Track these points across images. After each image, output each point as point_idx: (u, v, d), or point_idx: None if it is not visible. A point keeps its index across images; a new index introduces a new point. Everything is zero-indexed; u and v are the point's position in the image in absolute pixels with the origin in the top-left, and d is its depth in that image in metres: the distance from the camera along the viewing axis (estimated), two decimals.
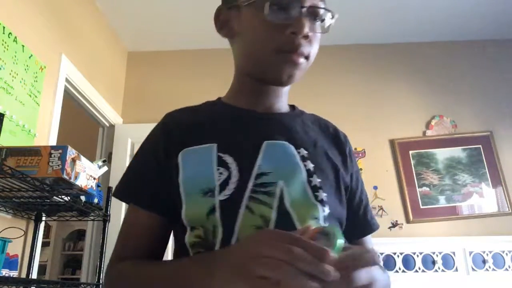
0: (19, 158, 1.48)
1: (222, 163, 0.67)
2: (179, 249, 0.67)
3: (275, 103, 0.78)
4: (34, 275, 1.95)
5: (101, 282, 2.27)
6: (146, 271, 0.66)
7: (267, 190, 0.65)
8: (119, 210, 2.79)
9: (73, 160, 1.53)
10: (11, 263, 1.71)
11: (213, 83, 3.34)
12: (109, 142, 3.04)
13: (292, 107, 0.84)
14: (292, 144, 0.71)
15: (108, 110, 2.97)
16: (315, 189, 0.68)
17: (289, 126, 0.75)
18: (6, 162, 1.44)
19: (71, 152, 1.52)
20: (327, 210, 0.67)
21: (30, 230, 1.98)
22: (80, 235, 4.93)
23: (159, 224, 0.71)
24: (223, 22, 0.78)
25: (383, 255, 2.76)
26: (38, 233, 1.98)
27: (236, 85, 0.82)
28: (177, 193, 0.67)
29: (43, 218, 2.02)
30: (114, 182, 2.94)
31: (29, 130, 1.95)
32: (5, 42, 1.81)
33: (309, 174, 0.69)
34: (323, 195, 0.68)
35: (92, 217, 2.24)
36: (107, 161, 2.87)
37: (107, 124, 3.06)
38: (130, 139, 3.02)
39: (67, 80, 2.41)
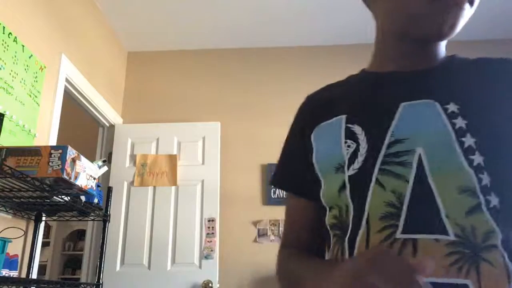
0: (19, 158, 1.48)
1: (350, 134, 0.60)
2: (326, 233, 0.64)
3: (431, 61, 0.66)
4: (34, 275, 1.95)
5: (101, 282, 2.27)
6: (293, 270, 0.65)
7: (401, 160, 0.56)
8: (119, 210, 2.79)
9: (73, 160, 1.53)
10: (11, 263, 1.71)
11: (213, 83, 3.35)
12: (109, 142, 3.05)
13: (445, 58, 0.69)
14: (438, 100, 0.59)
15: (108, 110, 2.97)
16: (468, 151, 0.55)
17: (438, 80, 0.63)
18: (6, 162, 1.44)
19: (71, 152, 1.52)
20: (486, 178, 0.53)
21: (30, 230, 1.98)
22: (80, 235, 4.93)
23: (313, 209, 0.67)
24: None
25: None
26: (38, 233, 1.98)
27: (381, 50, 0.70)
28: (315, 174, 0.64)
29: (43, 218, 2.02)
30: (114, 182, 2.97)
31: (29, 130, 1.95)
32: (5, 42, 1.81)
33: (460, 134, 0.56)
34: (479, 158, 0.54)
35: (92, 217, 2.24)
36: (107, 161, 2.88)
37: (107, 124, 3.07)
38: (130, 139, 3.02)
39: (67, 80, 2.41)
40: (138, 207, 2.83)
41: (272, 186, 0.71)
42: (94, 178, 1.72)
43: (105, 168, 2.21)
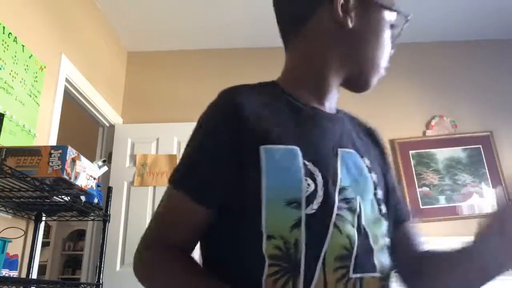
0: (19, 158, 1.48)
1: (308, 173, 0.60)
2: (248, 252, 0.60)
3: (333, 102, 0.75)
4: (34, 275, 1.95)
5: (101, 282, 2.27)
6: (192, 279, 0.62)
7: (349, 207, 0.62)
8: (119, 210, 2.79)
9: (73, 160, 1.53)
10: (11, 263, 1.71)
11: (213, 83, 3.35)
12: (109, 142, 3.05)
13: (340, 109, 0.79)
14: (358, 152, 0.68)
15: (108, 110, 2.97)
16: (379, 202, 0.67)
17: (349, 131, 0.72)
18: (6, 162, 1.44)
19: (71, 152, 1.52)
20: (386, 224, 0.67)
21: (30, 230, 1.98)
22: (80, 235, 4.93)
23: (209, 218, 0.64)
24: (349, 7, 0.69)
25: None
26: (38, 233, 1.98)
27: (304, 74, 0.73)
28: (254, 195, 0.59)
29: (43, 218, 2.02)
30: (114, 182, 2.96)
31: (29, 130, 1.95)
32: (5, 42, 1.81)
33: (375, 187, 0.67)
34: (384, 208, 0.67)
35: (92, 217, 2.24)
36: (107, 161, 2.87)
37: (107, 124, 3.06)
38: (130, 139, 3.02)
39: (67, 80, 2.41)
40: (138, 207, 2.83)
41: (172, 186, 0.66)
42: (94, 178, 1.72)
43: (105, 168, 2.21)
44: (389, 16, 0.72)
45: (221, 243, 0.64)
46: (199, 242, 0.68)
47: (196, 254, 0.70)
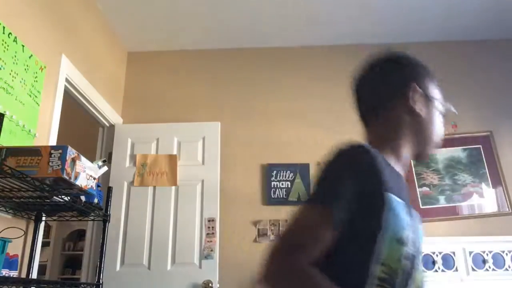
0: (19, 158, 1.48)
1: (409, 224, 0.81)
2: (357, 268, 0.76)
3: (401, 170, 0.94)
4: (34, 275, 1.95)
5: (101, 282, 2.27)
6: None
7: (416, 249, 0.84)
8: (119, 210, 2.79)
9: (73, 160, 1.53)
10: (11, 263, 1.71)
11: (212, 83, 3.35)
12: (109, 142, 3.05)
13: None
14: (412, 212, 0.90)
15: (108, 110, 2.97)
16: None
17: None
18: (6, 162, 1.44)
19: (71, 152, 1.52)
20: None
21: (30, 230, 1.98)
22: (80, 235, 4.93)
23: (332, 239, 0.75)
24: (418, 98, 0.91)
25: None
26: (38, 233, 1.98)
27: (391, 149, 0.91)
28: (377, 225, 0.75)
29: (43, 218, 2.02)
30: (114, 182, 2.96)
31: (29, 130, 1.95)
32: (5, 42, 1.81)
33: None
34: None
35: (92, 217, 2.24)
36: (107, 161, 2.88)
37: (107, 124, 3.07)
38: (130, 139, 3.02)
39: (67, 80, 2.41)
40: (138, 207, 2.83)
41: (314, 203, 0.78)
42: (94, 178, 1.72)
43: (105, 168, 2.21)
44: (439, 106, 0.94)
45: (339, 261, 0.77)
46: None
47: None
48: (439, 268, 2.73)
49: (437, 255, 2.76)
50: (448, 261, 2.75)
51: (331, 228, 0.73)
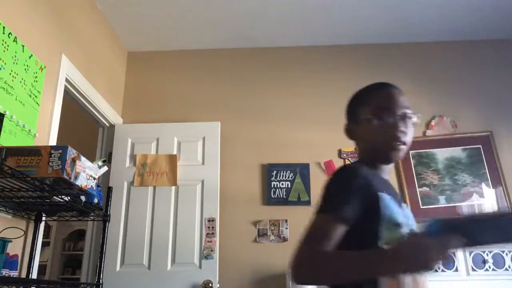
0: (19, 158, 1.48)
1: (400, 211, 1.04)
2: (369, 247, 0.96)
3: (387, 174, 1.17)
4: (34, 275, 1.95)
5: (101, 282, 2.27)
6: (348, 253, 0.91)
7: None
8: (119, 210, 2.79)
9: (73, 160, 1.53)
10: (11, 263, 1.71)
11: (213, 83, 3.35)
12: (109, 142, 3.05)
13: None
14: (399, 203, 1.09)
15: (108, 110, 2.97)
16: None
17: (393, 187, 1.18)
18: (6, 162, 1.44)
19: (71, 152, 1.52)
20: None
21: (30, 230, 1.98)
22: (80, 235, 4.93)
23: (343, 233, 0.96)
24: (351, 132, 1.18)
25: None
26: (38, 233, 1.98)
27: (367, 161, 1.15)
28: (377, 217, 0.98)
29: (43, 218, 2.02)
30: (114, 182, 2.97)
31: (29, 130, 1.95)
32: (5, 42, 1.81)
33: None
34: None
35: (92, 217, 2.24)
36: (107, 161, 2.88)
37: (107, 124, 3.07)
38: (130, 139, 3.02)
39: (67, 80, 2.41)
40: (138, 207, 2.83)
41: (325, 213, 1.00)
42: (94, 178, 1.72)
43: (105, 168, 2.21)
44: (371, 112, 1.11)
45: (354, 244, 0.96)
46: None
47: None
48: (439, 268, 2.73)
49: None
50: (448, 261, 2.74)
51: (342, 227, 0.95)
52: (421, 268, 0.86)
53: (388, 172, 1.17)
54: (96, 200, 2.00)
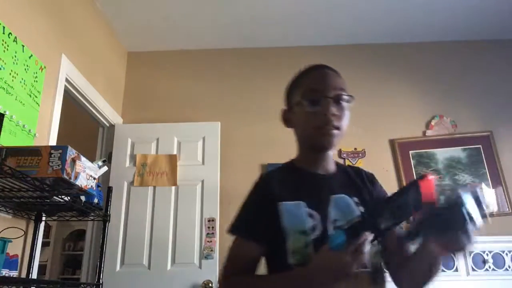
0: (19, 158, 1.48)
1: (309, 214, 0.95)
2: (280, 265, 0.93)
3: (327, 164, 1.07)
4: (34, 275, 1.95)
5: (101, 282, 2.27)
6: (263, 278, 0.95)
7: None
8: (119, 210, 2.79)
9: (73, 160, 1.53)
10: (11, 263, 1.71)
11: (213, 83, 3.35)
12: (109, 142, 3.04)
13: (336, 163, 1.12)
14: (348, 195, 1.00)
15: (108, 110, 2.97)
16: None
17: (342, 182, 1.06)
18: (6, 162, 1.44)
19: (71, 152, 1.52)
20: None
21: (30, 230, 1.98)
22: (80, 235, 4.93)
23: (261, 251, 0.98)
24: (286, 119, 1.13)
25: None
26: (38, 233, 1.98)
27: (301, 154, 1.10)
28: (280, 231, 0.94)
29: (43, 218, 2.02)
30: (114, 182, 2.96)
31: (29, 130, 1.95)
32: (5, 42, 1.81)
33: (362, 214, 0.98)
34: None
35: (92, 217, 2.24)
36: (107, 161, 2.87)
37: (107, 124, 3.06)
38: (130, 139, 3.02)
39: (67, 80, 2.41)
40: (138, 207, 2.83)
41: (231, 233, 1.03)
42: (94, 178, 1.72)
43: (105, 168, 2.21)
44: (302, 95, 1.05)
45: (268, 260, 1.01)
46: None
47: None
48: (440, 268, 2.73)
49: None
50: (449, 261, 2.75)
51: (253, 245, 0.97)
52: (340, 278, 0.81)
53: (327, 164, 1.07)
54: (96, 200, 2.00)
